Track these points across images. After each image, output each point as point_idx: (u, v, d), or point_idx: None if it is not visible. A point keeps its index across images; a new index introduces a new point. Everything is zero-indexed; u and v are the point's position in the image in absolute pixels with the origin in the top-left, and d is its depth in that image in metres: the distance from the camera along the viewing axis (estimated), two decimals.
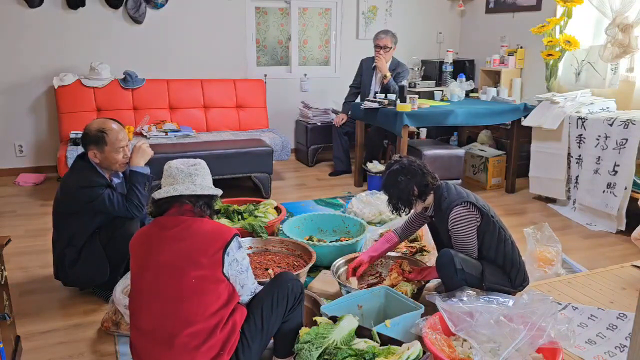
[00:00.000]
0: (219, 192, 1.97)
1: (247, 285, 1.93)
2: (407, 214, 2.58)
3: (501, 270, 2.45)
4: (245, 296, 1.95)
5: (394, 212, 2.52)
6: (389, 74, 4.76)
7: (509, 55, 5.31)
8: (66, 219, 2.59)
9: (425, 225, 3.09)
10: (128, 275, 2.56)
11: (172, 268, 1.80)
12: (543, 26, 4.53)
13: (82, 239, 2.59)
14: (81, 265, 2.59)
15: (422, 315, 2.24)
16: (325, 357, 1.94)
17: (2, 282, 2.11)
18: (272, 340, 2.09)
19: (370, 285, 2.70)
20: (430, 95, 5.17)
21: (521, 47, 5.29)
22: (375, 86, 5.00)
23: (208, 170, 1.98)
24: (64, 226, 2.60)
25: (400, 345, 2.04)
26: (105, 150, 2.53)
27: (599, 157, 3.88)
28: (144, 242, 1.89)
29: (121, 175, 2.74)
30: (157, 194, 1.89)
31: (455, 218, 2.37)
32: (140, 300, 1.86)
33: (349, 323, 2.07)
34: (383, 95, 4.53)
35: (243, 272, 1.89)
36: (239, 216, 3.40)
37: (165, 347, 1.78)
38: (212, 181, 1.99)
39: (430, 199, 2.49)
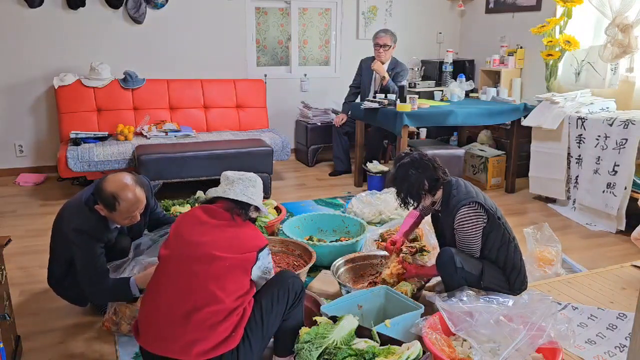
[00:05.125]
0: (253, 202, 2.05)
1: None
2: (415, 208, 2.54)
3: (501, 272, 2.44)
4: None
5: (402, 205, 2.48)
6: (387, 76, 4.76)
7: (508, 55, 5.31)
8: (63, 241, 2.45)
9: (426, 226, 3.10)
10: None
11: (209, 249, 1.89)
12: (543, 26, 4.54)
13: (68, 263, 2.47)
14: (66, 286, 2.54)
15: (422, 315, 2.24)
16: (325, 357, 1.95)
17: (2, 282, 2.11)
18: (272, 340, 2.09)
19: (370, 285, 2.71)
20: (430, 95, 5.17)
21: (521, 47, 5.29)
22: (374, 86, 5.00)
23: (254, 183, 2.09)
24: (60, 249, 2.50)
25: (400, 345, 2.04)
26: (112, 213, 2.28)
27: (599, 157, 3.88)
28: (188, 220, 2.02)
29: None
30: (211, 192, 2.06)
31: (462, 218, 2.35)
32: (167, 272, 1.94)
33: (349, 323, 2.07)
34: (383, 95, 4.53)
35: (267, 274, 2.03)
36: None
37: (182, 321, 1.84)
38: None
39: (439, 193, 2.46)
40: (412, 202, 2.46)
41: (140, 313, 1.99)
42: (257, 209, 2.08)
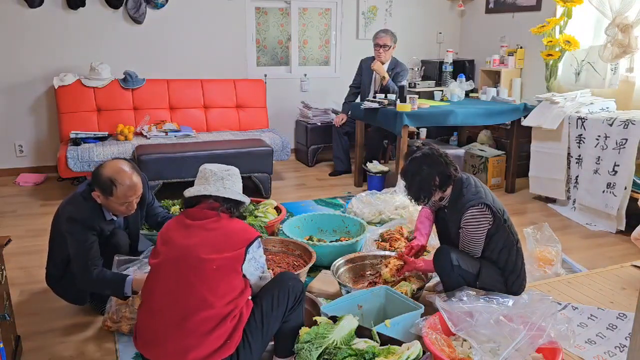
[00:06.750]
0: (247, 199, 2.04)
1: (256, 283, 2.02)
2: (425, 204, 2.51)
3: (500, 273, 2.42)
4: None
5: (412, 200, 2.46)
6: (387, 76, 4.76)
7: (508, 55, 5.31)
8: (61, 239, 2.45)
9: None
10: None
11: (196, 252, 1.86)
12: (543, 26, 4.53)
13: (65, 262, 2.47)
14: (64, 285, 2.53)
15: (422, 315, 2.25)
16: (325, 357, 1.95)
17: (2, 282, 2.11)
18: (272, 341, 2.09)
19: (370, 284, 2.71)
20: (430, 95, 5.17)
21: (521, 47, 5.29)
22: (374, 86, 5.00)
23: (240, 178, 2.07)
24: (58, 247, 2.49)
25: (400, 345, 2.04)
26: (109, 199, 2.31)
27: (599, 157, 3.88)
28: (172, 226, 1.99)
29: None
30: (188, 192, 1.98)
31: (469, 219, 2.34)
32: (158, 278, 1.92)
33: (349, 323, 2.07)
34: (383, 95, 4.53)
35: (258, 269, 1.99)
36: None
37: (176, 327, 1.83)
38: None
39: (449, 190, 2.43)
40: (423, 198, 2.43)
41: (138, 319, 1.98)
42: (243, 203, 2.06)
